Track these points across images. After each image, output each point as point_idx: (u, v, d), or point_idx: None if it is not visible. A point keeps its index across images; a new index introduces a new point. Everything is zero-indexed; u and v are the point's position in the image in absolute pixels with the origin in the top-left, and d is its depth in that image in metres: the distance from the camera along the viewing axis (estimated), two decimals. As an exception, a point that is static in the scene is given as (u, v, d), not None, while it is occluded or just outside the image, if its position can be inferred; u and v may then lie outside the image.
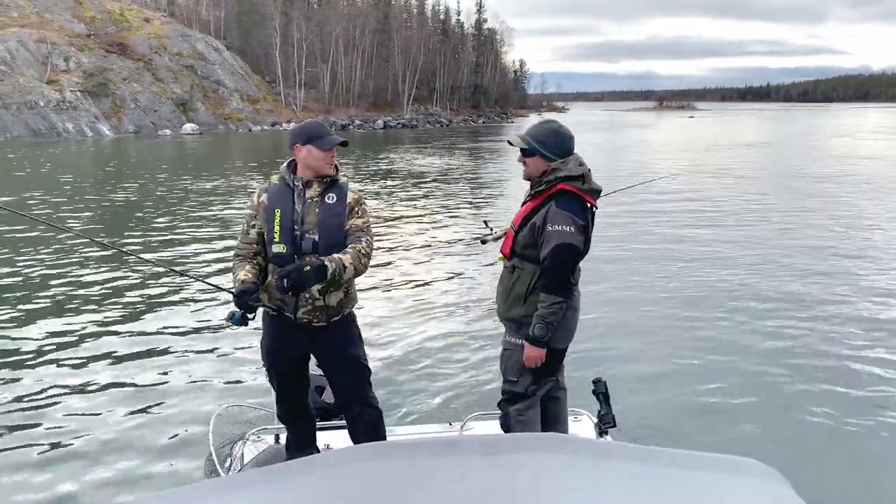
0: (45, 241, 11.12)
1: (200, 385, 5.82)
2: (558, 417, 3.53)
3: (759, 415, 5.28)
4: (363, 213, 3.13)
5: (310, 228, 3.04)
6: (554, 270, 3.11)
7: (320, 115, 63.32)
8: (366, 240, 3.07)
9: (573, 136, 3.26)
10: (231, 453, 3.64)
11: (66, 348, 6.59)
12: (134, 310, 7.82)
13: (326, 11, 75.22)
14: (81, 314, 7.59)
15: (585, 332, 6.54)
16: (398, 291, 8.91)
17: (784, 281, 9.17)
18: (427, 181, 22.10)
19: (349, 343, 3.25)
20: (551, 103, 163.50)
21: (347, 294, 3.20)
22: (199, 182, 20.48)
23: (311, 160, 3.07)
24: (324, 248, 3.02)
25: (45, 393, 5.58)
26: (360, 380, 3.30)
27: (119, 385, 5.77)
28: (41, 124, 42.46)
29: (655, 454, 1.44)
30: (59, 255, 10.28)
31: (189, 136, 47.96)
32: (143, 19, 59.20)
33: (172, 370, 6.12)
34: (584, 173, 3.17)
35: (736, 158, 30.85)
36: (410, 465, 1.40)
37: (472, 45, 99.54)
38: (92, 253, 10.24)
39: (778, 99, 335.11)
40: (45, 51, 47.31)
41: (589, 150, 34.31)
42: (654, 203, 16.01)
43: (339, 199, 3.09)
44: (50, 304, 8.01)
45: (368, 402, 3.32)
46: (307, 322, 3.10)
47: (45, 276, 9.21)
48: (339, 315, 3.17)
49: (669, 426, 5.08)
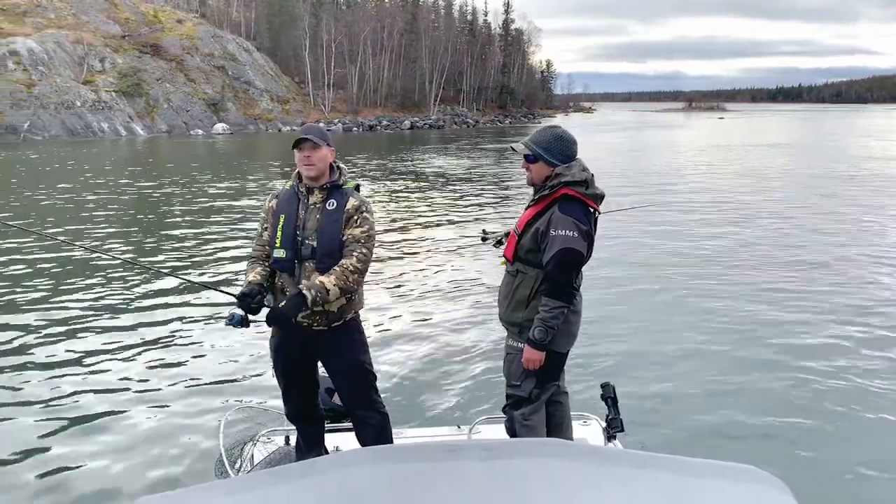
0: (56, 248, 10.83)
1: (212, 386, 5.84)
2: (562, 422, 3.53)
3: (763, 423, 5.25)
4: (363, 221, 3.10)
5: (310, 234, 3.07)
6: (557, 275, 3.12)
7: (348, 116, 64.02)
8: (358, 254, 3.04)
9: (576, 141, 3.28)
10: (241, 454, 3.67)
11: (76, 350, 6.61)
12: (145, 311, 7.85)
13: (355, 13, 75.89)
14: (92, 319, 7.55)
15: (595, 336, 6.69)
16: (408, 292, 8.92)
17: (800, 286, 9.09)
18: (445, 182, 22.09)
19: (352, 348, 3.25)
20: (578, 104, 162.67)
21: (350, 300, 3.17)
22: (231, 181, 20.91)
23: (297, 164, 3.14)
24: (321, 254, 3.05)
25: (54, 393, 5.62)
26: (363, 384, 3.31)
27: (131, 386, 5.82)
28: (77, 124, 43.48)
29: (657, 461, 1.45)
30: (73, 263, 10.12)
31: (220, 135, 48.79)
32: (175, 20, 60.25)
33: (184, 371, 6.15)
34: (587, 178, 3.18)
35: (775, 158, 30.51)
36: (412, 468, 1.44)
37: (499, 45, 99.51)
38: (104, 258, 10.12)
39: (810, 100, 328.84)
40: (81, 52, 48.43)
41: (622, 149, 34.28)
42: (669, 205, 16.07)
43: (339, 206, 3.10)
44: (60, 307, 7.97)
45: (373, 406, 3.33)
46: (307, 325, 3.11)
47: (54, 279, 9.14)
48: (341, 320, 3.17)
49: (677, 431, 5.07)
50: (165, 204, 16.44)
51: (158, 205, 16.34)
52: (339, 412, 3.81)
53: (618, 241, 11.65)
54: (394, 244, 12.00)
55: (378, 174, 24.02)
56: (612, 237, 11.51)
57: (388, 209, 16.09)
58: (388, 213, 15.39)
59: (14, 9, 49.69)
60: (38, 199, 16.54)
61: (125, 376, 6.02)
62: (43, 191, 18.05)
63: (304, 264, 3.07)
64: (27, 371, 6.09)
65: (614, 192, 14.65)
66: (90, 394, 5.63)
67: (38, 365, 6.25)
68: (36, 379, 5.94)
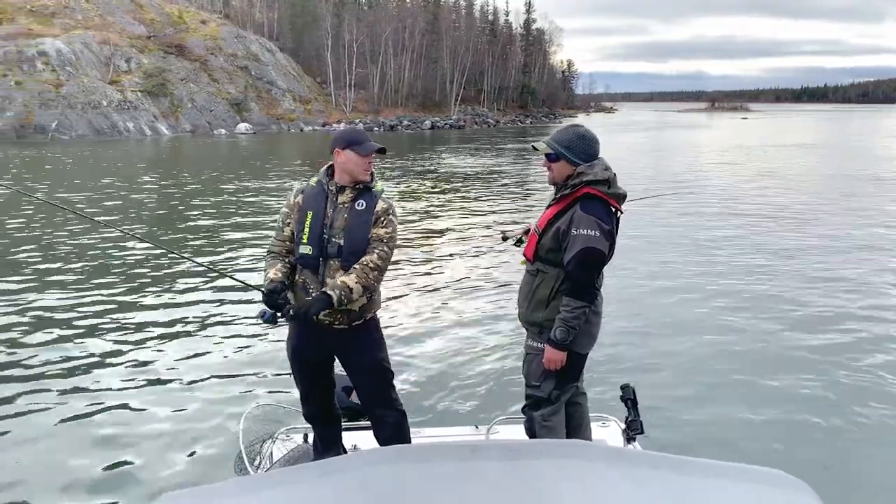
0: (87, 232, 11.74)
1: (232, 384, 5.91)
2: (581, 423, 3.52)
3: (788, 426, 5.20)
4: (388, 223, 3.14)
5: (337, 233, 3.09)
6: (578, 275, 3.09)
7: (369, 116, 64.30)
8: (379, 251, 3.08)
9: (598, 140, 3.24)
10: (260, 451, 3.69)
11: (96, 344, 6.70)
12: (166, 307, 7.96)
13: (377, 13, 76.16)
14: (113, 313, 7.68)
15: (615, 337, 6.69)
16: (426, 291, 8.95)
17: (829, 290, 8.99)
18: (464, 181, 22.20)
19: (371, 346, 3.27)
20: (599, 104, 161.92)
21: (370, 298, 3.19)
22: (256, 180, 21.20)
23: (350, 164, 3.12)
24: (347, 253, 3.08)
25: (73, 386, 5.73)
26: (382, 383, 3.32)
27: (151, 382, 5.90)
28: (104, 123, 44.16)
29: (680, 463, 1.44)
30: (98, 250, 10.72)
31: (243, 135, 49.25)
32: (200, 21, 60.97)
33: (205, 368, 6.23)
34: (609, 177, 3.14)
35: (804, 158, 30.20)
36: (432, 468, 1.44)
37: (520, 45, 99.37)
38: (128, 249, 10.54)
39: (835, 100, 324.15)
40: (107, 52, 49.17)
41: (645, 149, 34.06)
42: (693, 205, 16.00)
43: (368, 207, 3.12)
44: (81, 301, 8.12)
45: (391, 404, 3.35)
46: (328, 324, 3.13)
47: (75, 269, 9.48)
48: (361, 319, 3.19)
49: (698, 434, 5.03)
50: (194, 199, 16.70)
51: (187, 199, 16.61)
52: (356, 411, 3.80)
53: (639, 238, 11.61)
54: (413, 243, 12.10)
55: (398, 173, 24.17)
56: (632, 234, 11.46)
57: (407, 208, 16.20)
58: (408, 212, 15.49)
59: (43, 10, 50.59)
60: (72, 194, 16.93)
61: (145, 373, 6.11)
62: (82, 184, 18.48)
63: (329, 262, 3.09)
64: (47, 365, 6.20)
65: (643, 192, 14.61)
66: (109, 391, 5.71)
67: (56, 357, 6.37)
68: (54, 370, 6.06)
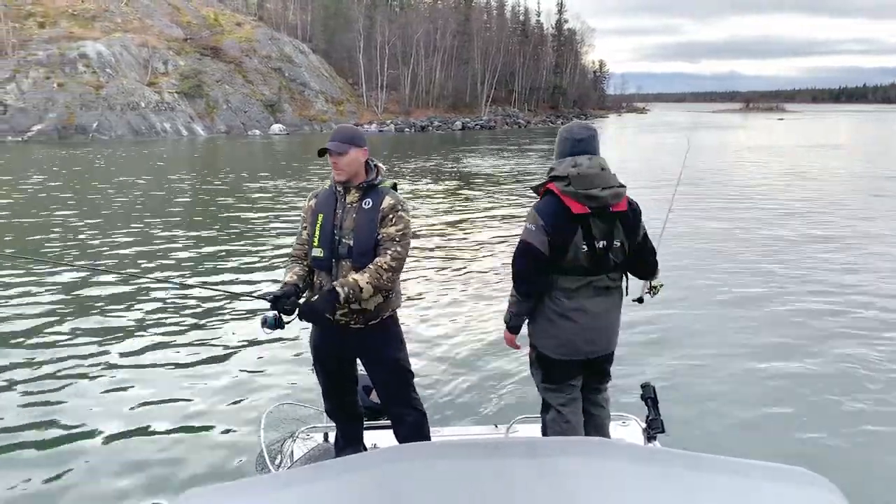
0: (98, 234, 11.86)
1: (254, 383, 5.99)
2: (601, 424, 3.46)
3: (812, 424, 5.17)
4: (398, 219, 3.08)
5: (346, 234, 3.09)
6: (512, 264, 3.20)
7: (400, 117, 64.75)
8: (392, 252, 3.04)
9: (578, 139, 3.17)
10: (281, 450, 3.70)
11: (120, 347, 6.81)
12: (189, 311, 7.99)
13: (409, 14, 76.66)
14: (139, 321, 7.67)
15: (637, 336, 6.77)
16: (448, 291, 9.02)
17: (857, 295, 8.83)
18: (489, 181, 22.28)
19: (388, 346, 3.25)
20: (631, 104, 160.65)
21: (387, 298, 3.17)
22: (292, 180, 21.55)
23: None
24: (357, 253, 3.06)
25: (99, 388, 5.86)
26: (400, 382, 3.31)
27: (175, 381, 6.02)
28: (142, 124, 45.18)
29: (703, 461, 1.43)
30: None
31: (277, 136, 50.04)
32: (235, 23, 61.99)
33: (227, 369, 6.31)
34: (569, 174, 3.06)
35: (850, 161, 29.62)
36: (453, 465, 1.43)
37: (551, 45, 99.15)
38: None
39: (875, 100, 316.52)
40: (145, 54, 50.30)
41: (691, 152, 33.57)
42: (720, 205, 15.92)
43: (374, 205, 3.10)
44: (107, 314, 8.01)
45: (410, 403, 3.34)
46: (345, 324, 3.13)
47: (90, 287, 9.08)
48: (378, 318, 3.16)
49: (720, 433, 5.03)
50: (228, 197, 17.09)
51: (218, 198, 17.03)
52: (377, 410, 3.81)
53: (666, 236, 11.58)
54: (435, 242, 12.24)
55: (425, 174, 24.39)
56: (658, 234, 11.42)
57: (431, 207, 16.42)
58: (432, 212, 15.67)
59: (84, 13, 51.94)
60: (114, 195, 17.43)
61: (168, 372, 6.23)
62: (136, 183, 19.01)
63: (342, 263, 3.09)
64: (72, 368, 6.28)
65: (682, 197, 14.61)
66: (134, 388, 5.87)
67: (81, 360, 6.45)
68: (80, 372, 6.17)
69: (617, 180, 3.12)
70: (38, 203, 16.25)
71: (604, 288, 3.16)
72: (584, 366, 3.30)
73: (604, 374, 3.44)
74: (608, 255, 3.11)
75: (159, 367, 6.39)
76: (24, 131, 40.92)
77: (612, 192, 3.06)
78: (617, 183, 3.10)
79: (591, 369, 3.35)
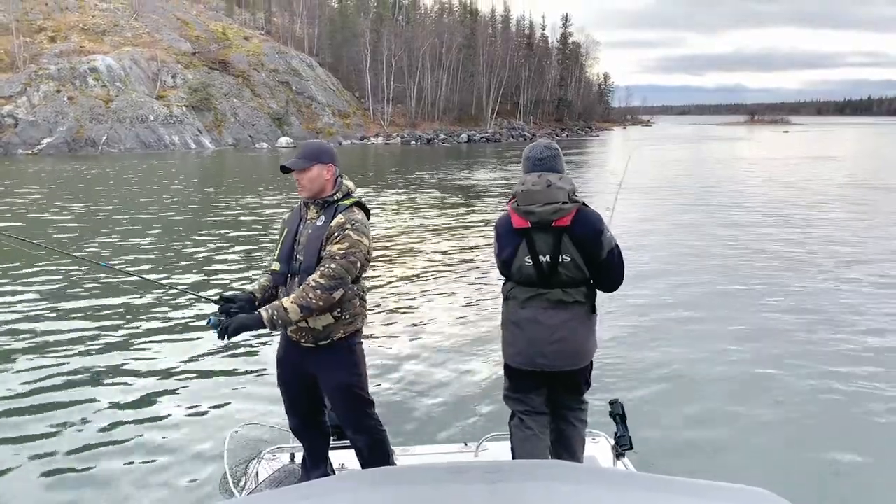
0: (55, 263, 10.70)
1: (218, 403, 5.85)
2: (570, 442, 3.40)
3: (780, 444, 5.19)
4: (343, 237, 3.00)
5: (300, 250, 3.09)
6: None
7: (406, 129, 65.15)
8: (324, 269, 2.95)
9: (540, 158, 3.23)
10: (246, 472, 3.62)
11: (80, 369, 6.58)
12: (147, 328, 7.81)
13: (415, 28, 77.22)
14: (95, 337, 7.49)
15: (607, 352, 6.63)
16: (426, 304, 9.01)
17: (828, 304, 8.90)
18: (476, 196, 22.31)
19: (338, 369, 3.15)
20: (636, 116, 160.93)
21: (338, 319, 3.07)
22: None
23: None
24: (305, 269, 3.04)
25: (57, 411, 5.65)
26: (350, 406, 3.22)
27: (136, 402, 5.84)
28: (151, 137, 45.60)
29: (664, 483, 1.44)
30: (69, 280, 9.98)
31: (284, 148, 50.19)
32: (243, 37, 62.58)
33: (190, 388, 6.16)
34: (516, 192, 3.21)
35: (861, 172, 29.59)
36: (414, 492, 1.43)
37: (556, 58, 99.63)
38: (104, 277, 9.98)
39: (880, 113, 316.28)
40: (154, 68, 50.83)
41: (691, 163, 33.48)
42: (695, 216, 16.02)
43: (325, 222, 3.07)
44: (62, 325, 7.93)
45: (362, 429, 3.25)
46: (296, 341, 3.12)
47: (55, 296, 9.02)
48: (328, 339, 3.08)
49: (687, 450, 5.05)
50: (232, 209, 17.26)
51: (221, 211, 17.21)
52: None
53: (641, 244, 11.66)
54: (404, 256, 12.13)
55: (424, 187, 24.43)
56: (646, 246, 11.58)
57: (431, 220, 16.47)
58: (406, 226, 15.56)
59: (94, 28, 52.57)
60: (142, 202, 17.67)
61: (129, 393, 6.05)
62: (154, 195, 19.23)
63: (296, 279, 3.07)
64: (25, 387, 6.12)
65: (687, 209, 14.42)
66: (93, 411, 5.66)
67: (33, 378, 6.29)
68: (36, 395, 5.97)
69: (563, 197, 3.12)
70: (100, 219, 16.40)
71: (558, 301, 3.14)
72: (547, 379, 3.27)
73: (574, 392, 3.37)
74: (558, 270, 3.12)
75: (115, 386, 6.21)
76: (35, 144, 41.34)
77: (553, 207, 3.08)
78: (562, 199, 3.10)
79: (558, 385, 3.31)
